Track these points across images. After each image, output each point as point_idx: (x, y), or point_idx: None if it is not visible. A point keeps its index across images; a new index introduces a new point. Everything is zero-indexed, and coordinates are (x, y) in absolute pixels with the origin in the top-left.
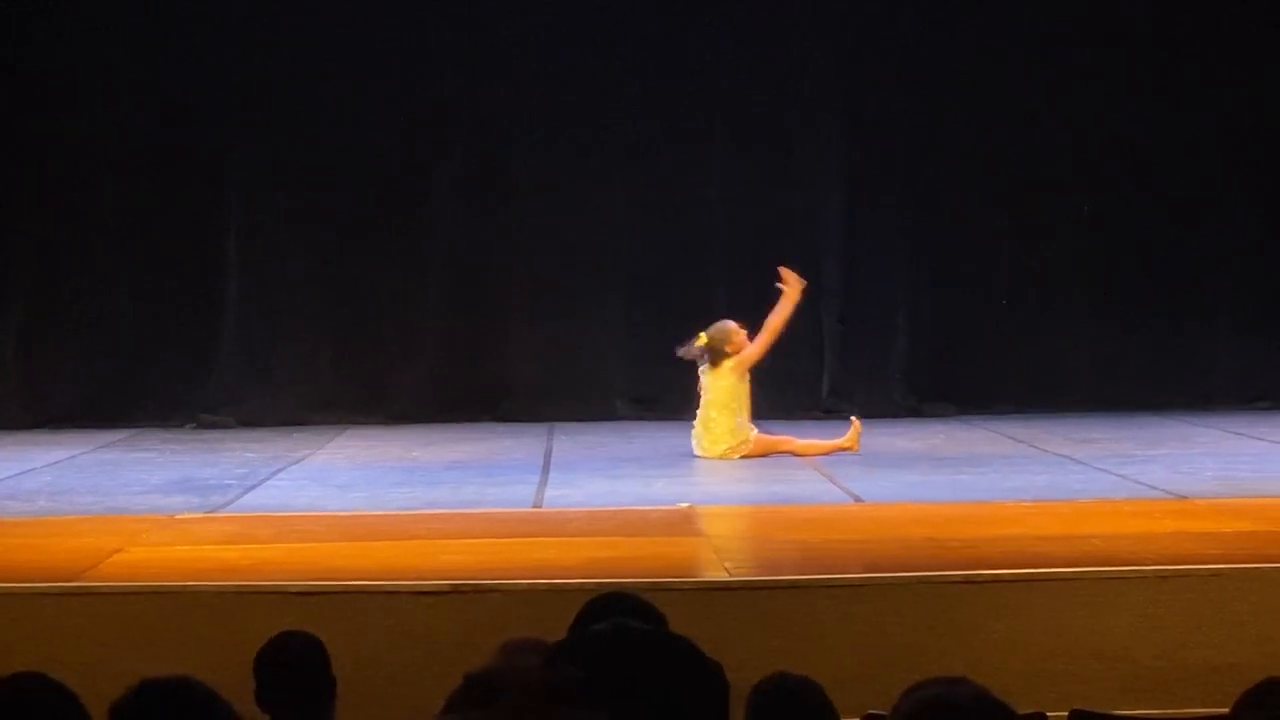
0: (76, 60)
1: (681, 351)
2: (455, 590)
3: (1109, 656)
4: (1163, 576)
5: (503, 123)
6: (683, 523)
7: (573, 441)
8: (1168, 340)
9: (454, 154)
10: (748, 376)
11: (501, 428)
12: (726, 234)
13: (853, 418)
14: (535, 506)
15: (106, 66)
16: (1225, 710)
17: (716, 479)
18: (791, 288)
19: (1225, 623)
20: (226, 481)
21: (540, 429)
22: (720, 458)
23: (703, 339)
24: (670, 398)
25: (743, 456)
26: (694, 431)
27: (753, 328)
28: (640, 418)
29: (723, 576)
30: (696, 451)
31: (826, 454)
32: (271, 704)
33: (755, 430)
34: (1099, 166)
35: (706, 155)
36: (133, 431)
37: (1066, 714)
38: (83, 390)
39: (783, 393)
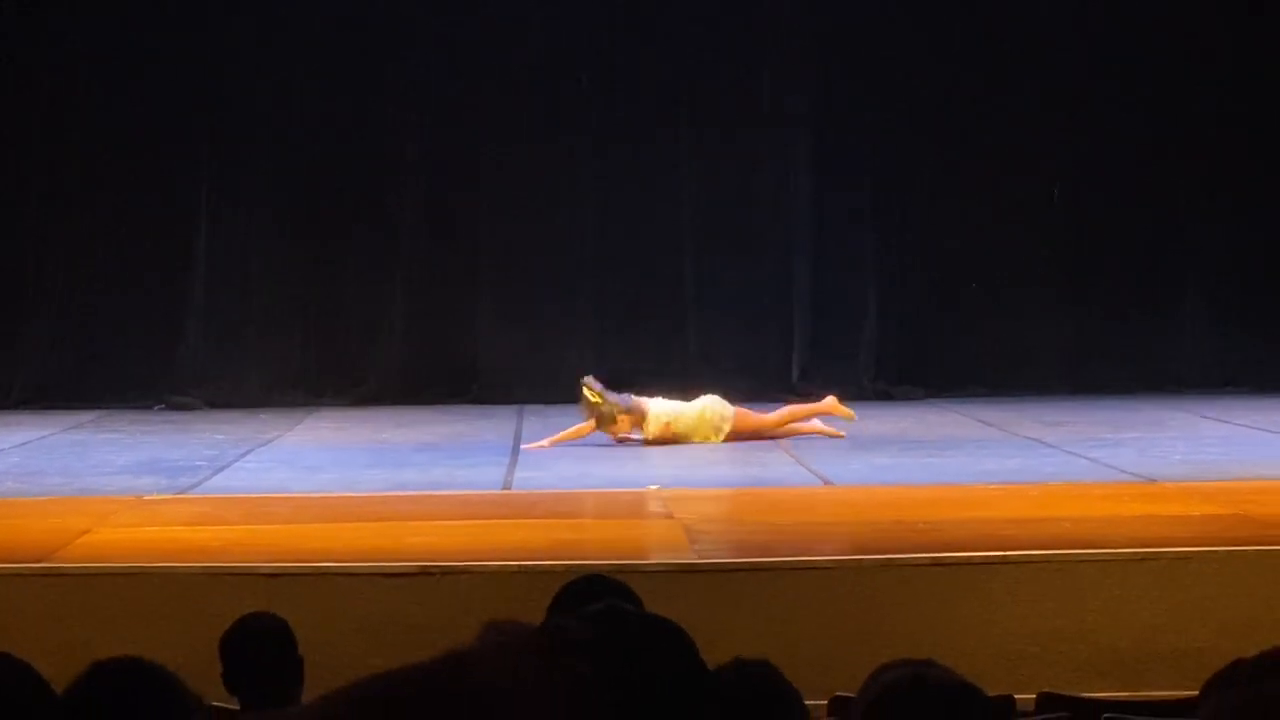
0: (49, 44)
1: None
2: (424, 572)
3: (1077, 639)
4: (1132, 559)
5: (472, 107)
6: (652, 505)
7: (543, 423)
8: (1138, 325)
9: (424, 137)
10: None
11: (471, 409)
12: (696, 218)
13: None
14: (505, 488)
15: (80, 51)
16: (1193, 693)
17: (686, 462)
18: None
19: (1194, 605)
20: (195, 463)
21: (510, 411)
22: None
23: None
24: (640, 379)
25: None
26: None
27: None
28: None
29: (692, 559)
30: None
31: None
32: (238, 685)
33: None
34: (1070, 151)
35: (675, 140)
36: (101, 413)
37: (1035, 696)
38: (51, 372)
39: (754, 376)
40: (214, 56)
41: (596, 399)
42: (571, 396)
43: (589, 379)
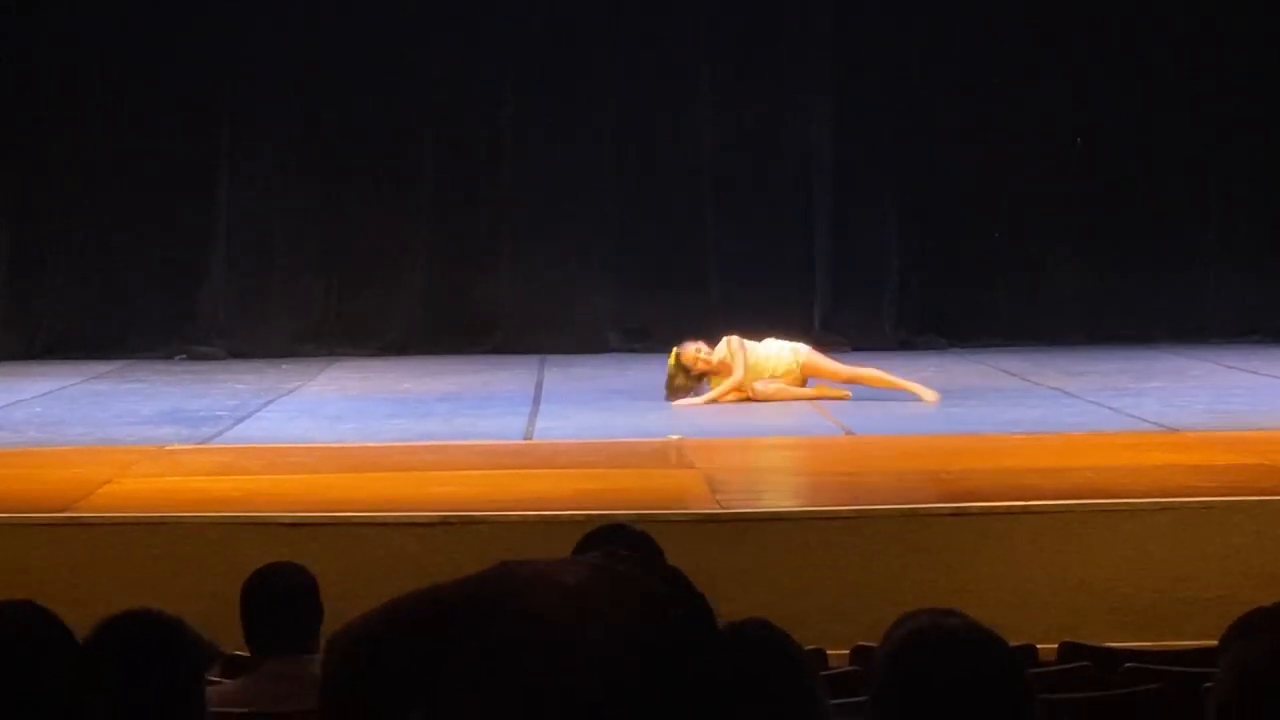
0: None
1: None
2: (445, 521)
3: (1099, 589)
4: (1154, 509)
5: (495, 58)
6: (674, 455)
7: (564, 373)
8: (1161, 274)
9: (446, 88)
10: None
11: (493, 359)
12: (718, 168)
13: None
14: (526, 438)
15: (105, 1)
16: (1215, 642)
17: (707, 412)
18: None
19: (1216, 555)
20: (217, 413)
21: (532, 361)
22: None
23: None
24: (661, 330)
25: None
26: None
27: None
28: (631, 350)
29: (713, 509)
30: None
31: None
32: (258, 633)
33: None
34: (1092, 100)
35: (696, 87)
36: (123, 363)
37: (1057, 646)
38: (73, 322)
39: (774, 326)
40: (239, 9)
41: (680, 367)
42: (590, 346)
43: (685, 348)
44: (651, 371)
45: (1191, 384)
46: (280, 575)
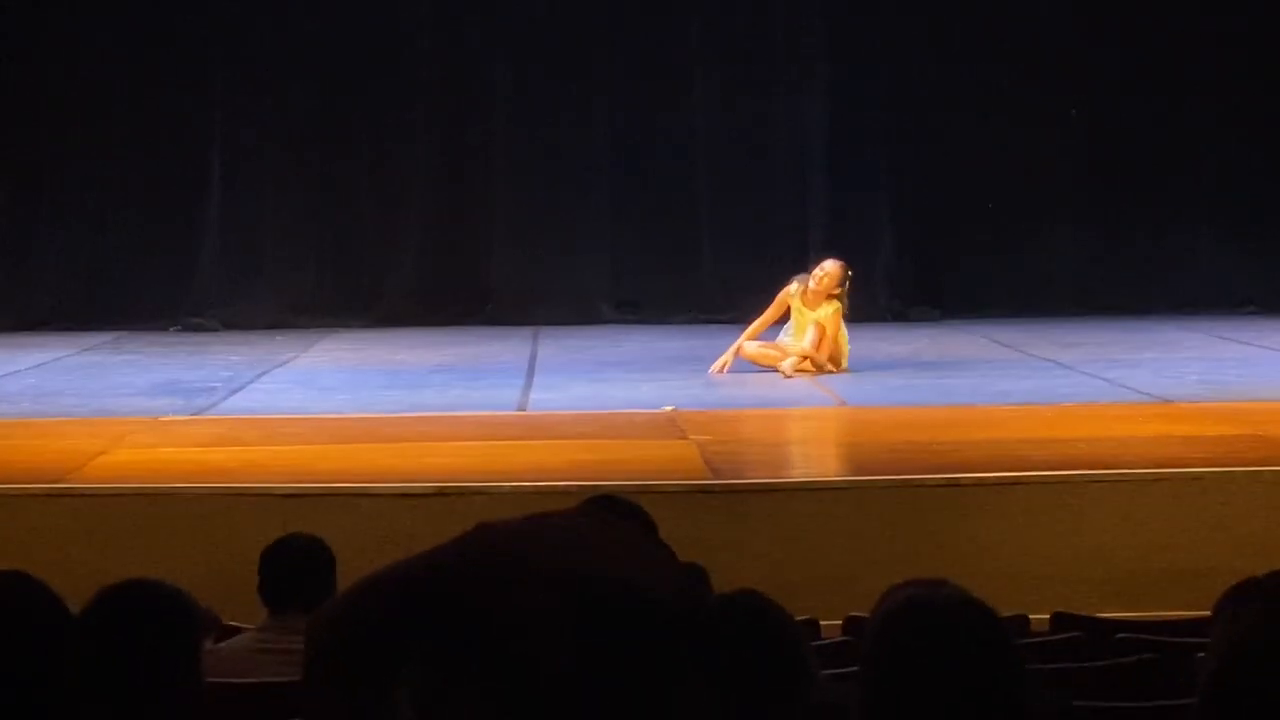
0: None
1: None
2: (440, 493)
3: (1091, 559)
4: (1147, 480)
5: (487, 30)
6: (668, 426)
7: (558, 345)
8: (1155, 245)
9: (439, 60)
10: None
11: (487, 331)
12: (710, 138)
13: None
14: (520, 409)
15: None
16: (1207, 613)
17: (701, 383)
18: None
19: (1208, 525)
20: (211, 384)
21: (526, 332)
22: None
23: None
24: (655, 302)
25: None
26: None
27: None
28: (625, 321)
29: (707, 479)
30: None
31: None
32: (272, 597)
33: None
34: (1086, 72)
35: (691, 61)
36: (117, 334)
37: (1049, 616)
38: (68, 293)
39: (768, 297)
40: None
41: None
42: (584, 318)
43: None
44: (646, 343)
45: (1185, 355)
46: (303, 545)
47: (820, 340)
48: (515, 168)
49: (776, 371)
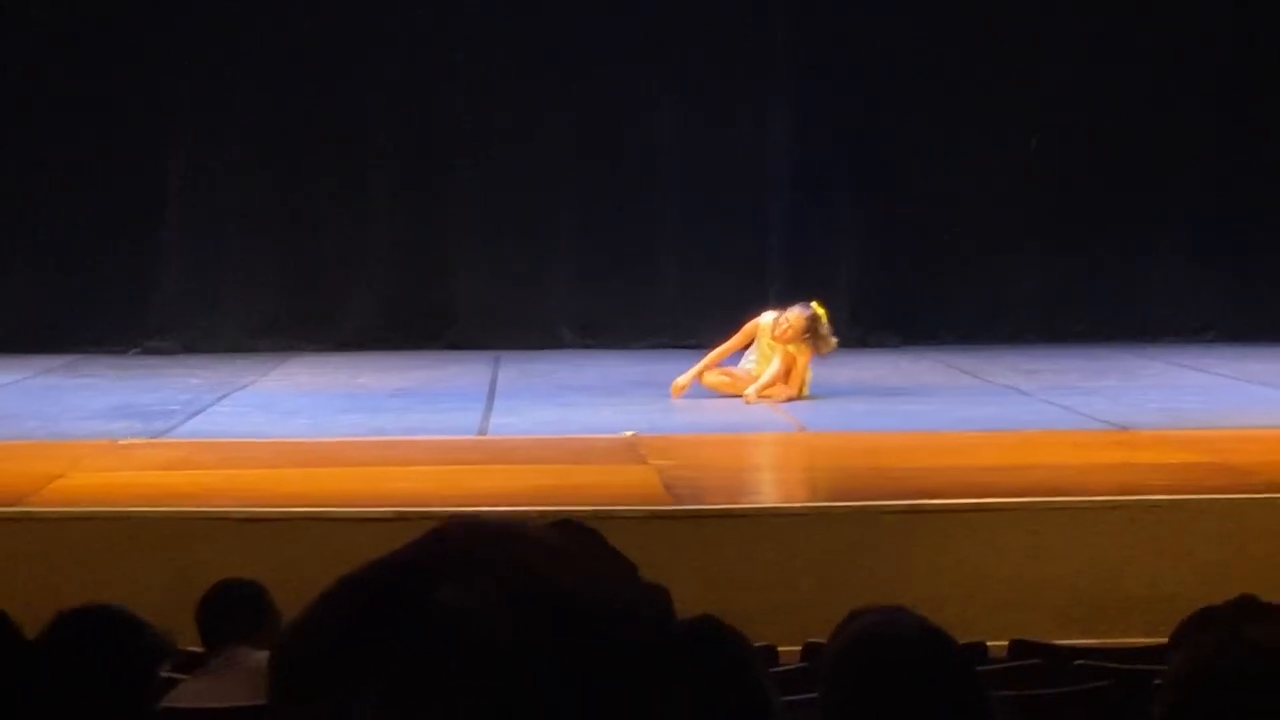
0: None
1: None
2: (400, 517)
3: (1050, 586)
4: (1106, 507)
5: (448, 54)
6: (628, 451)
7: (519, 369)
8: (1114, 272)
9: (400, 84)
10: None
11: (447, 355)
12: (674, 165)
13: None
14: (480, 434)
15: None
16: (1165, 640)
17: (661, 408)
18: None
19: (1167, 553)
20: (170, 407)
21: (486, 357)
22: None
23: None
24: (616, 327)
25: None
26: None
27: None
28: (586, 346)
29: (667, 504)
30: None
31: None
32: (212, 638)
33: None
34: (1047, 99)
35: (653, 85)
36: (76, 357)
37: (1007, 643)
38: (26, 315)
39: (731, 323)
40: (194, 11)
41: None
42: (545, 343)
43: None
44: (607, 368)
45: (1145, 383)
46: (234, 592)
47: (787, 371)
48: (477, 193)
49: (738, 398)
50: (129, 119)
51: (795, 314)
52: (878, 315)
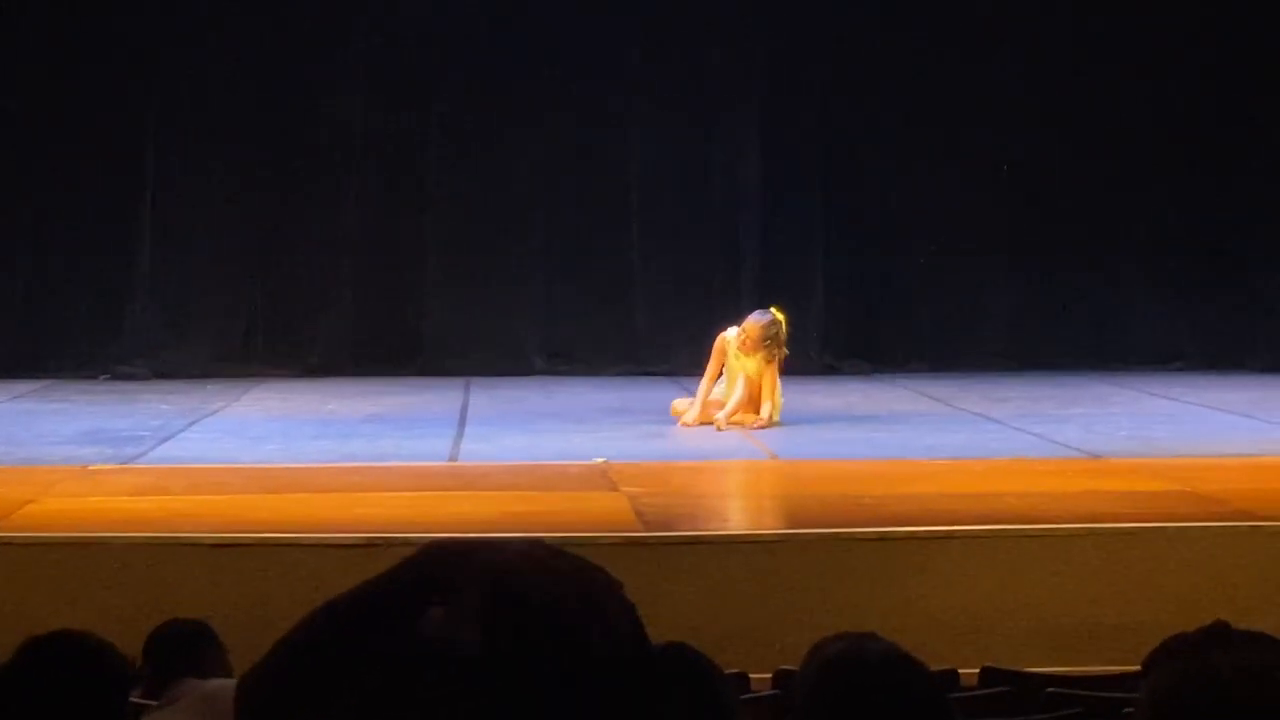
0: None
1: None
2: (370, 543)
3: (1021, 613)
4: (1076, 534)
5: (419, 81)
6: (599, 478)
7: (489, 396)
8: (1085, 301)
9: (371, 110)
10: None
11: (418, 381)
12: (643, 193)
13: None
14: (451, 460)
15: (25, 22)
16: (1136, 667)
17: (633, 435)
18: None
19: (1137, 580)
20: (141, 433)
21: (457, 383)
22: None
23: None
24: (587, 354)
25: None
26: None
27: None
28: (557, 373)
29: (638, 531)
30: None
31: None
32: (159, 676)
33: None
34: (1019, 128)
35: (623, 114)
36: (46, 383)
37: (978, 670)
38: None
39: (699, 350)
40: (160, 29)
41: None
42: (517, 369)
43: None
44: (578, 395)
45: (1114, 410)
46: (181, 631)
47: (756, 388)
48: (447, 219)
49: (709, 425)
50: (100, 146)
51: (753, 321)
52: (849, 343)
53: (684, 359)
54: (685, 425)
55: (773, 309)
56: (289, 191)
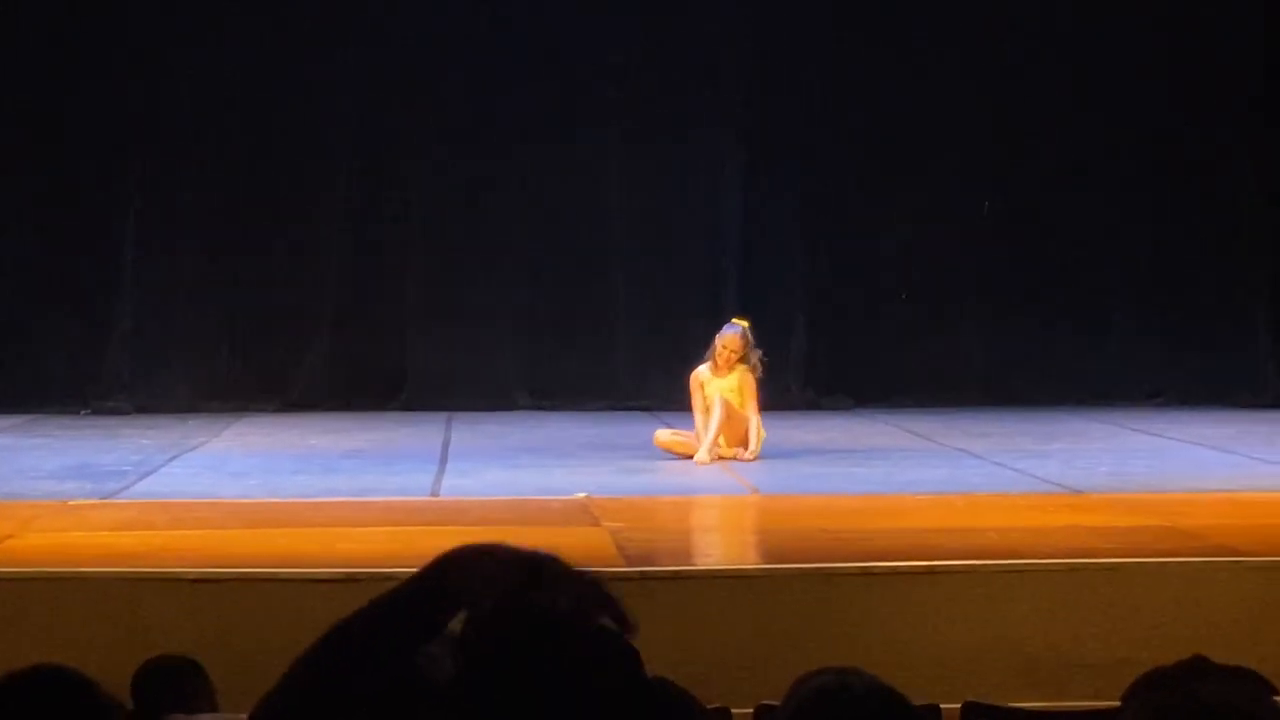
0: None
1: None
2: (351, 578)
3: (1002, 649)
4: (1057, 570)
5: (398, 116)
6: (580, 513)
7: (471, 431)
8: (1066, 336)
9: (351, 145)
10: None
11: (400, 416)
12: (625, 228)
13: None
14: (433, 495)
15: (8, 55)
16: (1116, 702)
17: (615, 470)
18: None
19: (1118, 616)
20: (122, 468)
21: (439, 418)
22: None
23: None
24: (569, 389)
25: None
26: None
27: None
28: (539, 408)
29: (620, 566)
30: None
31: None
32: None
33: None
34: (998, 164)
35: (605, 149)
36: (28, 417)
37: (960, 705)
38: None
39: (680, 386)
40: (141, 69)
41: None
42: (498, 405)
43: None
44: (559, 429)
45: (1095, 446)
46: (169, 668)
47: (732, 414)
48: (429, 254)
49: (690, 458)
50: (81, 182)
51: (729, 334)
52: (830, 378)
53: (665, 396)
54: (701, 463)
55: (734, 320)
56: (271, 226)
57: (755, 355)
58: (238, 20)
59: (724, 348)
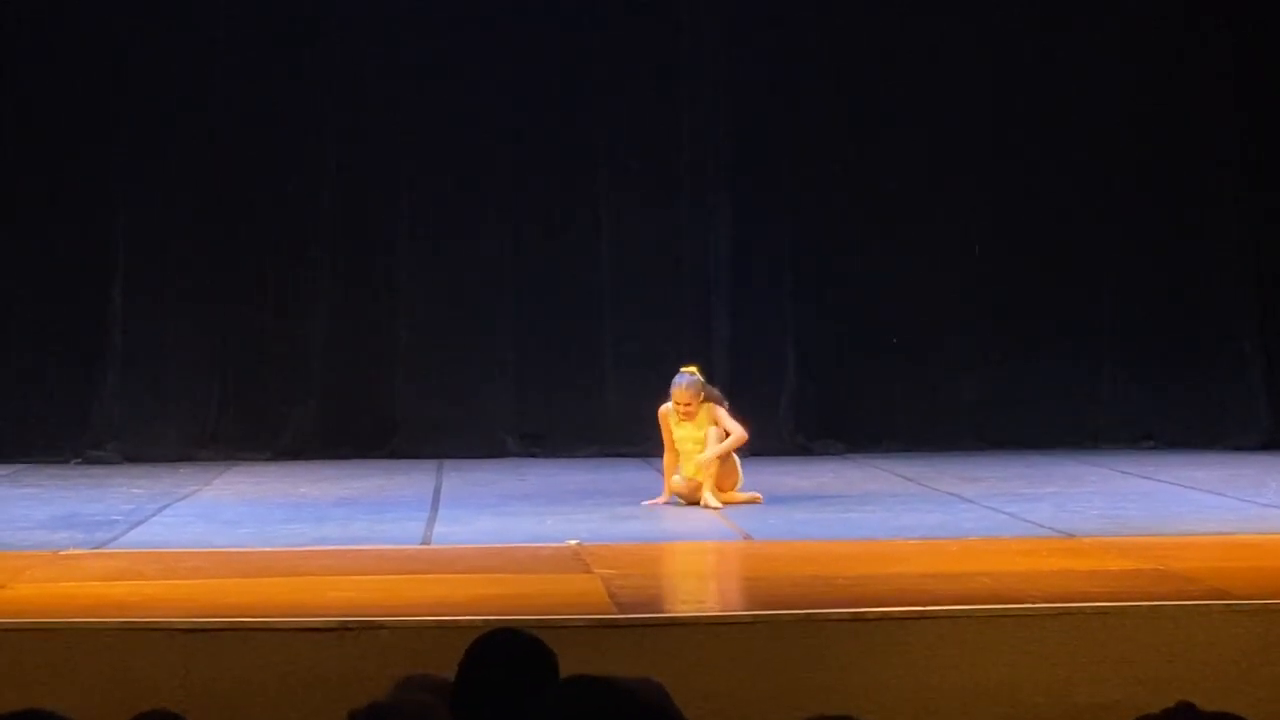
0: None
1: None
2: (343, 627)
3: (995, 693)
4: (1049, 615)
5: (390, 163)
6: (572, 560)
7: (462, 478)
8: (1056, 380)
9: (341, 191)
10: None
11: (390, 464)
12: (614, 273)
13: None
14: (424, 543)
15: None
16: None
17: (606, 516)
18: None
19: (1111, 661)
20: (112, 517)
21: (430, 465)
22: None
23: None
24: (559, 435)
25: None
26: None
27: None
28: (530, 454)
29: (612, 613)
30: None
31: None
32: None
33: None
34: (989, 207)
35: (593, 194)
36: (17, 467)
37: None
38: None
39: None
40: (126, 107)
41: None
42: (489, 452)
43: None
44: (550, 476)
45: (1086, 489)
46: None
47: (724, 436)
48: (418, 301)
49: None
50: (71, 232)
51: (682, 387)
52: (821, 423)
53: (656, 441)
54: (651, 504)
55: (681, 368)
56: (259, 274)
57: (715, 391)
58: (221, 73)
59: (677, 403)
